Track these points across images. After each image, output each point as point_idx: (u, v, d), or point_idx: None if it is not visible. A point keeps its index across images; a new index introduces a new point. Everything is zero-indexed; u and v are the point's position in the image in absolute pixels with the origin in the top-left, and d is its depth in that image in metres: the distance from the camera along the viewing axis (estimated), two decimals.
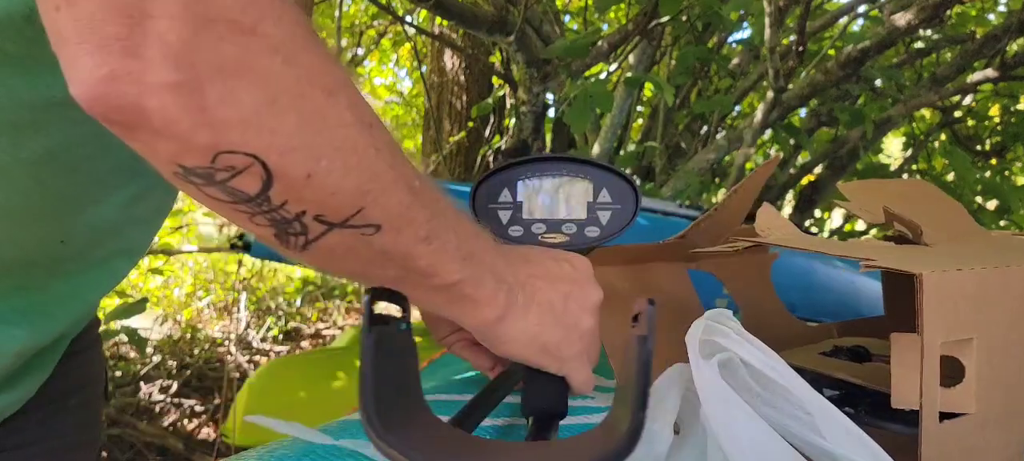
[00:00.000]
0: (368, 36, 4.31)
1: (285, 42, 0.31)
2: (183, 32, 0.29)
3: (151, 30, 0.28)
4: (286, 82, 0.31)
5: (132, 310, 2.02)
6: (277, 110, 0.31)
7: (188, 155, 0.31)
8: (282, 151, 0.32)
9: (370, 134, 0.36)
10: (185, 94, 0.29)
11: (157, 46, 0.29)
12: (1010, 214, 3.22)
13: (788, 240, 0.53)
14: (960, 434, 0.43)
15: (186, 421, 2.69)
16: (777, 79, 2.30)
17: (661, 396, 0.46)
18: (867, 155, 3.27)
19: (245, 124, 0.31)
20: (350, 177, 0.34)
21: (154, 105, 0.29)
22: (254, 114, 0.31)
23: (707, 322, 0.44)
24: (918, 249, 0.54)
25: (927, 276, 0.41)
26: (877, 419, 0.49)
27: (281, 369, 2.14)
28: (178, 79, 0.29)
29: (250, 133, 0.31)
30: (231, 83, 0.30)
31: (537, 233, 0.60)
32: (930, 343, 0.41)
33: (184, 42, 0.29)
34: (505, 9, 2.18)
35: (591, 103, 1.98)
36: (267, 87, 0.31)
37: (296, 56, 0.32)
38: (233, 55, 0.30)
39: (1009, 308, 0.45)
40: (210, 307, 4.02)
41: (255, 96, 0.31)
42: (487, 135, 3.16)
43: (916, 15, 2.28)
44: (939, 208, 0.62)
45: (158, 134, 0.30)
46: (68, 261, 0.56)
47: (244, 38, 0.30)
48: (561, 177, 0.62)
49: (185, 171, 0.32)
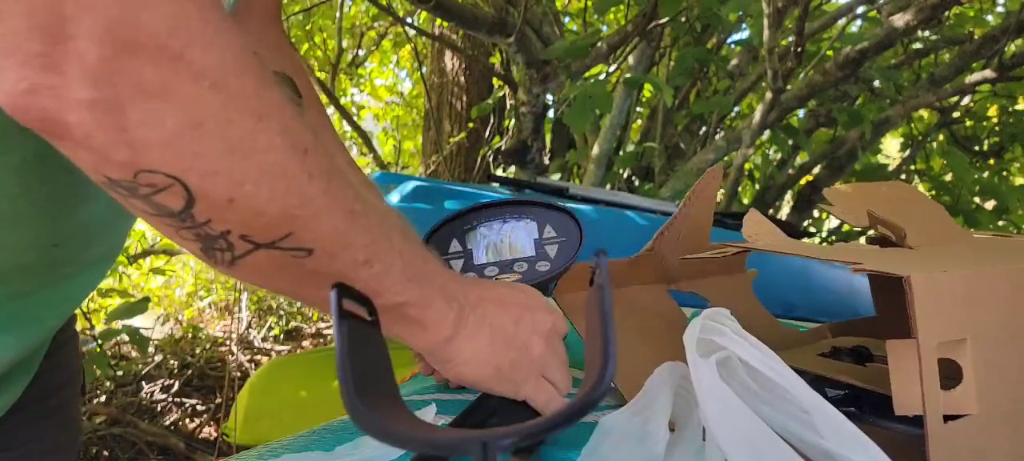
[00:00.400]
0: (369, 37, 4.32)
1: (214, 67, 0.32)
2: (103, 53, 0.30)
3: (71, 49, 0.30)
4: (212, 107, 0.32)
5: (134, 310, 2.03)
6: (201, 134, 0.32)
7: (109, 169, 0.32)
8: (204, 174, 0.33)
9: (303, 160, 0.36)
10: (102, 112, 0.31)
11: (76, 64, 0.30)
12: (1008, 214, 3.23)
13: (775, 245, 0.53)
14: (967, 434, 0.43)
15: (187, 420, 2.70)
16: (776, 80, 2.31)
17: (653, 395, 0.46)
18: (865, 156, 3.28)
19: (166, 146, 0.32)
20: (276, 202, 0.35)
21: (73, 120, 0.31)
22: (176, 137, 0.32)
23: (705, 321, 0.44)
24: (903, 252, 0.54)
25: (915, 278, 0.41)
26: (881, 419, 0.50)
27: (282, 368, 2.14)
28: (95, 97, 0.30)
29: (170, 155, 0.32)
30: (153, 105, 0.31)
31: (491, 276, 0.63)
32: (926, 346, 0.41)
33: (104, 62, 0.30)
34: (505, 10, 2.19)
35: (591, 104, 1.99)
36: (191, 111, 0.32)
37: (225, 81, 0.33)
38: (156, 79, 0.31)
39: (1000, 307, 0.45)
40: (211, 307, 4.02)
41: (178, 119, 0.31)
42: (487, 136, 3.17)
43: (914, 16, 2.29)
44: (921, 211, 0.63)
45: (79, 145, 0.32)
46: (61, 265, 0.55)
47: (170, 63, 0.31)
48: (505, 221, 0.65)
49: (109, 181, 0.33)
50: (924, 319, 0.41)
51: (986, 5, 3.17)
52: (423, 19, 3.61)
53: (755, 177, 3.69)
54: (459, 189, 1.48)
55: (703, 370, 0.41)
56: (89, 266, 0.59)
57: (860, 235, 2.97)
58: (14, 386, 0.61)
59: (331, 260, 0.39)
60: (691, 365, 0.41)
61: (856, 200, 0.60)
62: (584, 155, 2.93)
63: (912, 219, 0.57)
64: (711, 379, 0.41)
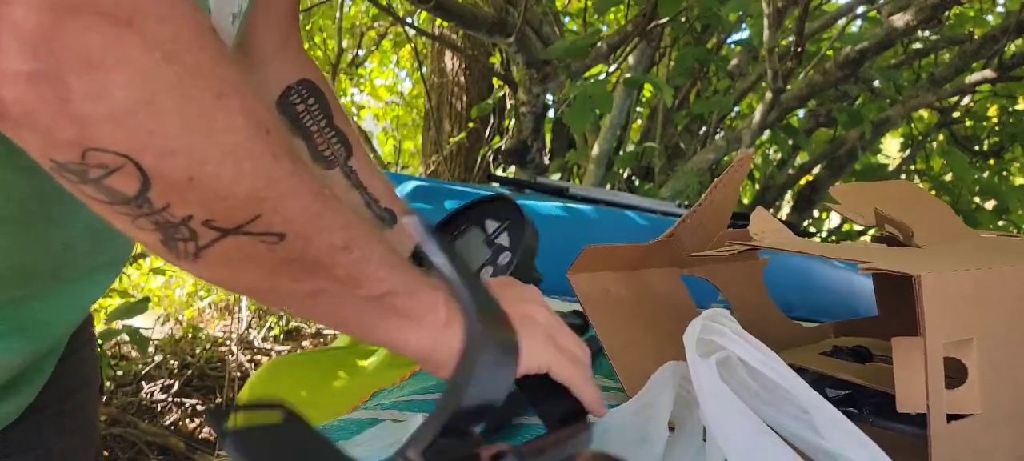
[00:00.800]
0: (369, 37, 4.32)
1: (168, 40, 0.30)
2: (42, 19, 0.27)
3: (5, 16, 0.27)
4: (166, 81, 0.30)
5: (134, 310, 2.02)
6: (155, 110, 0.30)
7: (56, 150, 0.30)
8: (160, 153, 0.30)
9: (267, 140, 0.33)
10: (43, 84, 0.28)
11: (11, 33, 0.27)
12: (1008, 214, 3.23)
13: (783, 243, 0.53)
14: (969, 435, 0.43)
15: (187, 420, 2.70)
16: (776, 80, 2.31)
17: (655, 395, 0.46)
18: (865, 156, 3.28)
19: (115, 121, 0.29)
20: (242, 182, 0.32)
21: (9, 95, 0.28)
22: (126, 112, 0.29)
23: (705, 321, 0.43)
24: (911, 251, 0.54)
25: (925, 278, 0.41)
26: (882, 419, 0.50)
27: (282, 368, 2.13)
28: (34, 68, 0.28)
29: (121, 131, 0.29)
30: (99, 76, 0.28)
31: None
32: (933, 345, 0.41)
33: (42, 29, 0.27)
34: (505, 10, 2.19)
35: (591, 104, 1.99)
36: (143, 85, 0.29)
37: (180, 56, 0.30)
38: (101, 46, 0.28)
39: (1008, 308, 0.45)
40: (211, 307, 4.02)
41: (128, 93, 0.29)
42: (487, 136, 3.17)
43: (914, 16, 2.29)
44: (928, 209, 0.63)
45: (20, 125, 0.29)
46: (68, 269, 0.55)
47: (116, 30, 0.28)
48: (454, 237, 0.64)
49: (57, 166, 0.31)
50: (932, 318, 0.41)
51: (986, 5, 3.17)
52: (423, 19, 3.61)
53: (755, 177, 3.69)
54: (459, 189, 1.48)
55: (703, 370, 0.41)
56: (94, 271, 0.58)
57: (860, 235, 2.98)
58: (27, 389, 0.60)
59: (306, 245, 0.36)
60: (691, 365, 0.41)
61: (863, 199, 0.60)
62: (584, 155, 2.93)
63: (919, 218, 0.57)
64: (711, 379, 0.40)
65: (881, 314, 0.75)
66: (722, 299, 0.71)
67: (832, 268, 1.44)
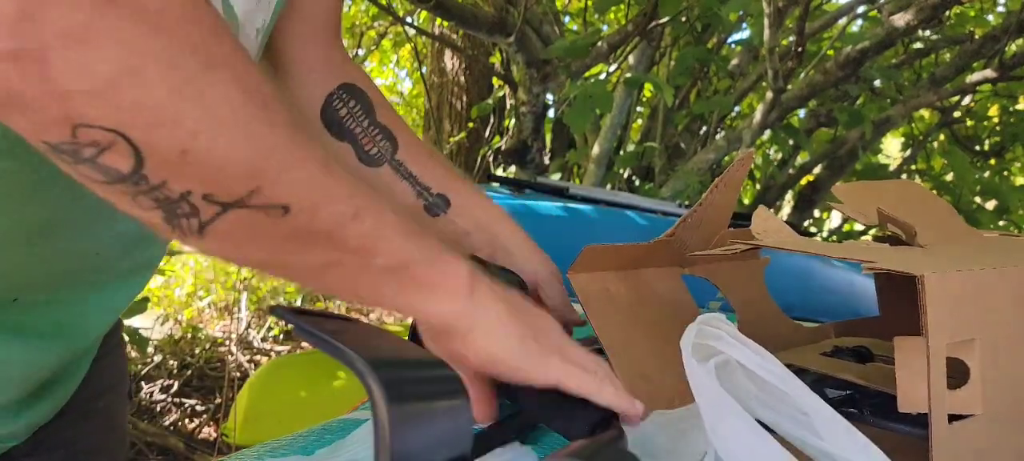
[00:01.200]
0: (369, 37, 4.32)
1: (155, 11, 0.29)
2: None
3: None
4: (151, 50, 0.29)
5: (133, 310, 2.02)
6: (140, 81, 0.29)
7: (46, 130, 0.29)
8: (148, 125, 0.30)
9: (264, 110, 0.33)
10: (25, 62, 0.27)
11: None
12: (1009, 214, 3.23)
13: (785, 243, 0.53)
14: (970, 435, 0.42)
15: (187, 421, 2.70)
16: (776, 80, 2.31)
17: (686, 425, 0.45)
18: (866, 155, 3.28)
19: (100, 95, 0.29)
20: (237, 152, 0.32)
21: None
22: (109, 85, 0.28)
23: (700, 326, 0.43)
24: (915, 250, 0.54)
25: (929, 278, 0.41)
26: (883, 420, 0.49)
27: (282, 369, 2.14)
28: (17, 47, 0.27)
29: (106, 105, 0.29)
30: (81, 51, 0.28)
31: None
32: (936, 346, 0.41)
33: (24, 7, 0.27)
34: (505, 10, 2.19)
35: (591, 104, 1.99)
36: (128, 56, 0.29)
37: (168, 28, 0.29)
38: (83, 21, 0.28)
39: (1011, 308, 0.45)
40: (211, 307, 4.02)
41: (111, 65, 0.28)
42: (487, 136, 3.17)
43: (915, 16, 2.29)
44: (930, 209, 0.63)
45: (10, 106, 0.29)
46: (101, 272, 0.55)
47: (99, 5, 0.28)
48: None
49: (50, 147, 0.30)
50: (935, 318, 0.41)
51: (987, 5, 3.17)
52: (423, 19, 3.61)
53: (756, 177, 3.69)
54: None
55: (701, 375, 0.41)
56: (128, 274, 0.59)
57: (861, 235, 2.97)
58: (61, 390, 0.60)
59: (313, 216, 0.35)
60: (687, 370, 0.41)
61: (866, 198, 0.59)
62: (584, 155, 2.93)
63: (922, 218, 0.56)
64: (709, 384, 0.40)
65: (882, 314, 0.75)
66: (721, 297, 0.71)
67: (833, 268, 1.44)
